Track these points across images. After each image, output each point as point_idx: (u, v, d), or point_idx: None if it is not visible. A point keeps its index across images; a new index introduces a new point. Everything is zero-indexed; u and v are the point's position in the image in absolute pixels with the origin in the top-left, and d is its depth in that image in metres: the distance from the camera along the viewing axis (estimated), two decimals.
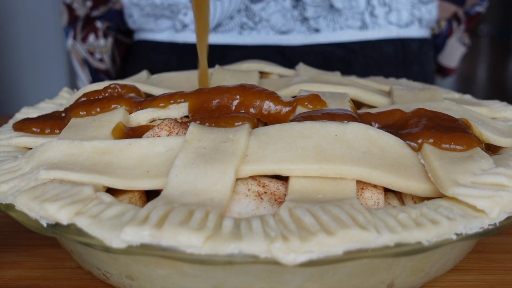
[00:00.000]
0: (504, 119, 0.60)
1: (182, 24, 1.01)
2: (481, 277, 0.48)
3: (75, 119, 0.54)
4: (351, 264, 0.39)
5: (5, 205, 0.42)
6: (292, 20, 0.97)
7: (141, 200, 0.45)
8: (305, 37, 0.99)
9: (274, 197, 0.43)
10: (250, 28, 0.98)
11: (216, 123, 0.49)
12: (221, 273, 0.39)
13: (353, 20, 0.99)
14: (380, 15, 1.00)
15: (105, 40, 1.16)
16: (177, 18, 1.01)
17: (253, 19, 0.96)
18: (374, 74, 1.01)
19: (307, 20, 0.96)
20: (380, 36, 1.02)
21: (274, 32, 0.98)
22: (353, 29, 1.00)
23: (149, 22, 1.06)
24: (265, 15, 0.97)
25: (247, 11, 0.97)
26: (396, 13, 1.01)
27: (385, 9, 1.00)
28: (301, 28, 0.98)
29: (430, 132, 0.47)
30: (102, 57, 1.16)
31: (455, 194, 0.40)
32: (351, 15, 0.98)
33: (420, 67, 1.09)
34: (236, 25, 0.98)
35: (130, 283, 0.43)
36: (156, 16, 1.02)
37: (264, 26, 0.98)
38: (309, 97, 0.54)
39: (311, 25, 0.97)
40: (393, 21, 1.02)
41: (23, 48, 2.13)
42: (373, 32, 1.01)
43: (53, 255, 0.52)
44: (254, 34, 0.99)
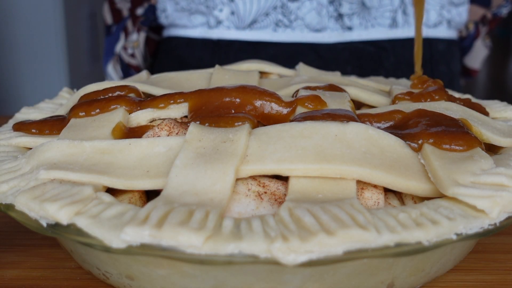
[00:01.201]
0: (504, 119, 0.60)
1: (217, 20, 1.01)
2: (481, 277, 0.48)
3: (75, 119, 0.54)
4: (351, 264, 0.39)
5: (5, 205, 0.42)
6: (327, 17, 0.98)
7: (141, 200, 0.45)
8: (338, 34, 1.00)
9: (274, 197, 0.43)
10: (285, 25, 0.99)
11: (216, 123, 0.49)
12: (221, 273, 0.39)
13: (382, 18, 1.00)
14: (410, 14, 1.01)
15: (138, 35, 1.16)
16: (212, 14, 1.01)
17: (288, 17, 0.97)
18: (404, 72, 1.02)
19: (341, 17, 0.97)
20: (410, 35, 1.03)
21: (308, 30, 0.99)
22: (384, 27, 1.01)
23: (182, 18, 1.06)
24: (301, 13, 0.98)
25: (283, 9, 0.98)
26: (425, 13, 1.01)
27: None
28: (334, 26, 0.99)
29: (430, 133, 0.47)
30: (134, 52, 1.16)
31: (455, 194, 0.40)
32: (381, 13, 0.99)
33: (446, 67, 1.10)
34: (271, 22, 0.99)
35: (130, 283, 0.43)
36: (191, 11, 1.03)
37: (298, 24, 0.99)
38: (309, 97, 0.54)
39: (345, 22, 0.99)
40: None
41: (23, 48, 2.13)
42: (402, 30, 1.02)
43: (53, 255, 0.52)
44: (289, 32, 1.00)
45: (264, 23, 0.99)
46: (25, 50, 2.14)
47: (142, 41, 1.17)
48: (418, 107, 0.54)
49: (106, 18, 1.17)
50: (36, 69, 2.16)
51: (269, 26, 0.99)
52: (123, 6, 1.16)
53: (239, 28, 1.00)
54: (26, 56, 2.14)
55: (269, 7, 0.97)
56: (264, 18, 0.99)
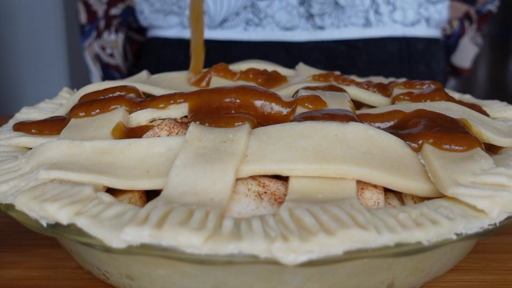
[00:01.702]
0: (504, 119, 0.60)
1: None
2: (481, 277, 0.48)
3: (75, 120, 0.54)
4: (351, 264, 0.39)
5: (5, 205, 0.42)
6: (298, 17, 0.98)
7: (141, 200, 0.45)
8: (309, 33, 1.01)
9: (274, 197, 0.43)
10: (255, 24, 0.99)
11: (216, 123, 0.49)
12: (221, 273, 0.39)
13: (356, 17, 1.00)
14: (384, 13, 1.01)
15: (116, 36, 1.17)
16: (184, 14, 1.02)
17: (258, 16, 0.98)
18: (378, 71, 1.02)
19: (312, 17, 0.98)
20: (385, 34, 1.03)
21: (279, 28, 1.00)
22: (357, 26, 1.01)
23: (158, 19, 1.07)
24: (270, 11, 0.98)
25: (253, 8, 0.98)
26: (401, 12, 1.02)
27: (389, 7, 1.01)
28: (305, 25, 0.99)
29: (430, 133, 0.47)
30: (113, 52, 1.18)
31: (455, 194, 0.40)
32: (355, 12, 0.99)
33: (426, 66, 1.10)
34: (242, 21, 0.99)
35: (130, 283, 0.43)
36: (165, 12, 1.04)
37: (269, 22, 0.99)
38: (309, 97, 0.54)
39: (316, 22, 0.99)
40: (398, 20, 1.02)
41: (23, 48, 2.13)
42: (377, 30, 1.02)
43: (53, 255, 0.52)
44: (259, 30, 1.01)
45: (234, 22, 1.00)
46: (25, 50, 2.14)
47: (120, 42, 1.18)
48: (418, 107, 0.54)
49: (81, 17, 1.19)
50: (36, 69, 2.16)
51: (239, 25, 1.00)
52: (99, 8, 1.17)
53: (210, 27, 1.01)
54: (26, 56, 2.14)
55: (239, 7, 0.98)
56: (234, 17, 0.99)
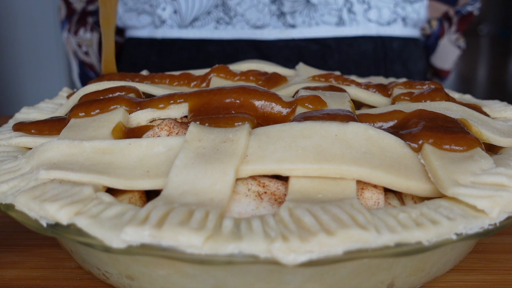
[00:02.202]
0: (504, 119, 0.60)
1: (160, 20, 1.03)
2: (481, 277, 0.48)
3: (75, 120, 0.54)
4: (351, 264, 0.39)
5: (5, 205, 0.42)
6: (269, 15, 0.98)
7: (141, 200, 0.45)
8: (280, 32, 1.01)
9: (274, 197, 0.43)
10: (226, 22, 1.00)
11: (216, 123, 0.49)
12: (221, 273, 0.39)
13: (329, 16, 1.00)
14: (358, 12, 1.01)
15: (91, 34, 1.18)
16: (155, 13, 1.03)
17: (229, 14, 0.99)
18: (350, 71, 1.02)
19: (284, 15, 0.98)
20: (358, 33, 1.02)
21: (249, 26, 1.00)
22: (329, 25, 1.01)
23: (132, 18, 1.08)
24: (240, 10, 0.99)
25: (224, 6, 0.99)
26: (376, 11, 1.02)
27: (364, 6, 1.01)
28: (276, 23, 1.00)
29: (430, 133, 0.47)
30: (87, 50, 1.19)
31: (455, 194, 0.40)
32: (328, 11, 0.99)
33: (403, 66, 1.09)
34: (213, 20, 1.00)
35: (130, 283, 0.43)
36: (138, 11, 1.05)
37: (239, 21, 1.00)
38: (309, 97, 0.54)
39: (287, 20, 0.99)
40: (373, 19, 1.02)
41: (23, 48, 2.13)
42: (350, 28, 1.02)
43: (53, 255, 0.52)
44: (230, 29, 1.01)
45: (205, 21, 1.00)
46: (25, 50, 2.14)
47: (95, 41, 1.19)
48: (418, 107, 0.54)
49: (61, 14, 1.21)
50: (36, 69, 2.16)
51: (210, 24, 1.01)
52: (78, 6, 1.19)
53: (181, 26, 1.02)
54: (26, 56, 2.14)
55: (210, 6, 0.99)
56: (205, 16, 1.00)
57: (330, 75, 0.68)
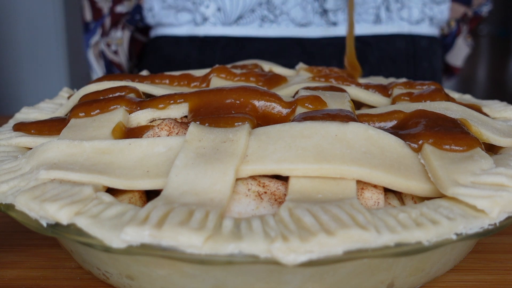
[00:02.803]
0: (504, 119, 0.60)
1: (203, 17, 1.03)
2: (481, 277, 0.48)
3: (75, 120, 0.54)
4: (351, 264, 0.39)
5: (5, 205, 0.42)
6: (312, 13, 1.00)
7: (141, 200, 0.45)
8: (323, 30, 1.02)
9: (274, 197, 0.43)
10: (271, 20, 1.01)
11: (216, 123, 0.49)
12: (221, 273, 0.39)
13: (366, 14, 1.02)
14: (394, 10, 1.04)
15: (122, 33, 1.17)
16: (198, 11, 1.03)
17: (273, 12, 0.99)
18: (388, 67, 1.05)
19: (326, 12, 0.99)
20: (393, 31, 1.06)
21: (294, 24, 1.01)
22: (367, 23, 1.03)
23: (169, 16, 1.07)
24: (285, 8, 1.00)
25: (268, 4, 1.00)
26: (407, 10, 1.05)
27: (398, 5, 1.04)
28: (320, 21, 1.01)
29: (430, 133, 0.47)
30: (117, 49, 1.18)
31: (455, 194, 0.40)
32: (365, 9, 1.01)
33: (429, 63, 1.12)
34: (257, 18, 1.00)
35: (130, 283, 0.43)
36: (178, 9, 1.05)
37: (284, 19, 1.01)
38: (310, 97, 0.54)
39: (330, 18, 1.01)
40: (405, 17, 1.05)
41: (23, 48, 2.13)
42: (386, 26, 1.05)
43: (53, 255, 0.52)
44: (274, 27, 1.02)
45: (250, 18, 1.01)
46: (25, 50, 2.14)
47: (126, 40, 1.18)
48: (418, 108, 0.54)
49: (86, 15, 1.19)
50: (36, 69, 2.16)
51: (255, 22, 1.01)
52: (104, 5, 1.17)
53: (225, 24, 1.02)
54: (26, 56, 2.14)
55: (254, 4, 0.99)
56: (250, 14, 1.00)
57: (330, 75, 0.68)
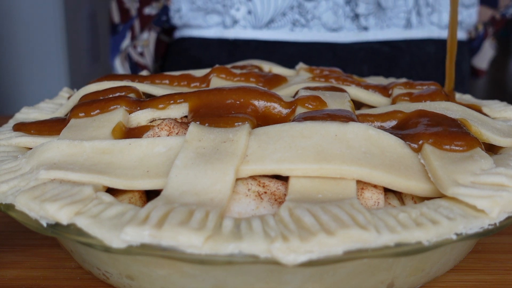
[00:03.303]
0: (504, 119, 0.60)
1: (233, 20, 1.02)
2: (481, 277, 0.48)
3: (75, 120, 0.54)
4: (351, 264, 0.39)
5: (5, 205, 0.42)
6: (343, 17, 0.99)
7: (141, 200, 0.45)
8: (354, 34, 1.02)
9: (274, 197, 0.43)
10: (302, 25, 1.00)
11: (216, 123, 0.49)
12: (221, 273, 0.39)
13: (397, 19, 1.02)
14: (424, 15, 1.03)
15: (148, 34, 1.16)
16: (228, 13, 1.02)
17: (305, 16, 0.99)
18: (418, 72, 1.05)
19: (357, 17, 0.99)
20: (424, 36, 1.05)
21: (325, 29, 1.01)
22: (398, 27, 1.03)
23: (197, 17, 1.06)
24: (317, 12, 0.99)
25: (300, 8, 0.99)
26: (437, 14, 1.04)
27: (428, 9, 1.03)
28: (351, 26, 1.01)
29: (430, 133, 0.47)
30: (143, 51, 1.16)
31: (455, 194, 0.40)
32: (396, 13, 1.01)
33: (458, 67, 1.11)
34: (288, 22, 1.00)
35: (130, 283, 0.43)
36: (207, 11, 1.04)
37: (315, 24, 1.00)
38: (310, 97, 0.54)
39: (361, 22, 1.00)
40: (435, 22, 1.05)
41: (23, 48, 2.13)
42: (416, 31, 1.04)
43: (53, 255, 0.52)
44: (306, 31, 1.01)
45: (281, 22, 1.00)
46: (25, 50, 2.14)
47: (152, 41, 1.17)
48: (418, 108, 0.54)
49: (114, 17, 1.17)
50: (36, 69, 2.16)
51: (286, 26, 1.00)
52: (132, 6, 1.16)
53: (255, 27, 1.01)
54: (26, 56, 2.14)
55: (286, 7, 0.98)
56: (281, 18, 0.99)
57: (330, 75, 0.68)
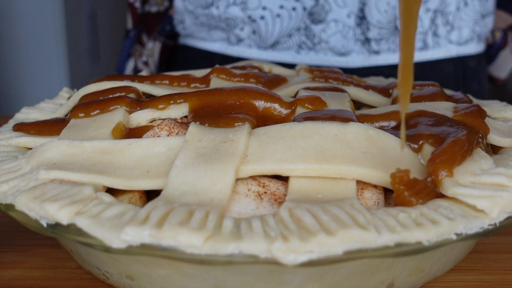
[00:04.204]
0: (504, 119, 0.60)
1: (237, 38, 0.98)
2: (481, 277, 0.48)
3: (75, 120, 0.54)
4: (351, 264, 0.39)
5: (5, 205, 0.42)
6: (353, 40, 0.93)
7: (141, 200, 0.45)
8: (364, 58, 0.96)
9: (274, 197, 0.43)
10: (308, 48, 0.95)
11: (216, 124, 0.49)
12: (221, 273, 0.39)
13: None
14: (442, 35, 0.97)
15: (153, 43, 1.13)
16: (232, 32, 0.98)
17: (312, 40, 0.94)
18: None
19: (368, 41, 0.93)
20: (440, 56, 0.99)
21: (333, 53, 0.95)
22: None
23: (201, 31, 1.02)
24: (325, 36, 0.94)
25: (307, 31, 0.94)
26: (457, 31, 0.98)
27: (447, 28, 0.97)
28: (361, 49, 0.95)
29: (430, 133, 0.47)
30: (147, 60, 1.13)
31: (455, 194, 0.40)
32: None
33: (478, 84, 1.06)
34: (294, 44, 0.95)
35: (130, 283, 0.43)
36: (211, 27, 0.99)
37: (322, 48, 0.95)
38: (310, 97, 0.54)
39: (372, 47, 0.94)
40: (454, 40, 0.99)
41: (23, 48, 2.13)
42: (432, 52, 0.98)
43: (53, 255, 0.52)
44: (312, 54, 0.96)
45: (286, 44, 0.95)
46: (25, 50, 2.14)
47: (157, 51, 1.14)
48: (418, 108, 0.54)
49: (128, 23, 1.15)
50: (36, 69, 2.16)
51: (292, 48, 0.95)
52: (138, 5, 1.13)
53: (260, 47, 0.97)
54: (26, 56, 2.14)
55: (292, 29, 0.94)
56: (287, 40, 0.95)
57: (330, 76, 0.68)
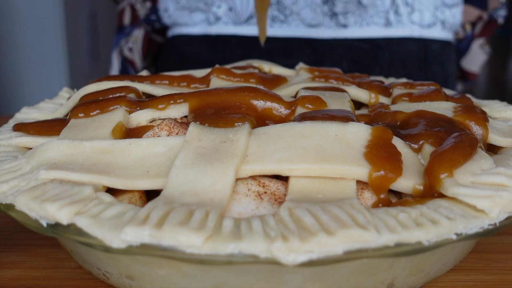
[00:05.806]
0: (504, 119, 0.60)
1: (215, 17, 1.05)
2: (481, 277, 0.48)
3: (75, 120, 0.54)
4: (351, 264, 0.39)
5: (5, 205, 0.42)
6: (322, 15, 1.01)
7: (141, 200, 0.45)
8: (333, 31, 1.03)
9: (274, 197, 0.43)
10: (281, 21, 1.02)
11: (216, 124, 0.49)
12: (221, 273, 0.39)
13: (378, 17, 1.03)
14: (403, 14, 1.04)
15: (138, 31, 1.19)
16: (210, 11, 1.05)
17: (284, 12, 1.00)
18: (398, 70, 1.06)
19: (336, 15, 1.00)
20: (404, 34, 1.07)
21: (304, 25, 1.02)
22: (378, 25, 1.04)
23: (183, 16, 1.09)
24: (296, 8, 1.01)
25: (279, 5, 1.01)
26: (418, 14, 1.06)
27: (408, 9, 1.05)
28: (330, 23, 1.02)
29: (430, 133, 0.47)
30: (132, 46, 1.20)
31: (455, 194, 0.40)
32: (376, 12, 1.03)
33: (440, 67, 1.13)
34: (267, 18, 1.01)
35: (130, 283, 0.43)
36: (191, 9, 1.06)
37: (294, 19, 1.02)
38: (310, 97, 0.54)
39: (340, 20, 1.02)
40: (416, 21, 1.06)
41: (23, 48, 2.13)
42: (397, 30, 1.06)
43: (53, 255, 0.52)
44: (285, 27, 1.03)
45: None
46: (25, 50, 2.14)
47: (140, 37, 1.20)
48: (418, 108, 0.54)
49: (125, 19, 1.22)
50: (36, 69, 2.16)
51: None
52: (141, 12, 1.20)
53: (236, 23, 1.04)
54: (26, 56, 2.14)
55: None
56: None
57: (330, 76, 0.68)
